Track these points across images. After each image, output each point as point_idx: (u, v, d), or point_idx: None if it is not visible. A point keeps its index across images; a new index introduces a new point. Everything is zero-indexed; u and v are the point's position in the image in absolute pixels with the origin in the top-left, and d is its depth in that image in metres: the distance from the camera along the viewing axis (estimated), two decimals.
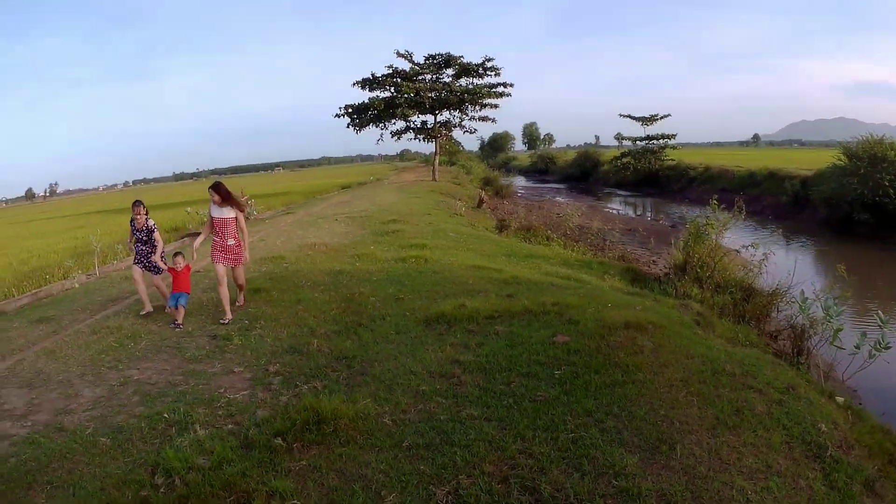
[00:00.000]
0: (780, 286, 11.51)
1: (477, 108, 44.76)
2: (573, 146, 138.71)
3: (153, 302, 10.04)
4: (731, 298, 11.70)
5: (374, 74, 44.05)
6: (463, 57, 43.22)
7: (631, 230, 26.20)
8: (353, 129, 46.08)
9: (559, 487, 4.28)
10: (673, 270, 14.21)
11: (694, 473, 4.40)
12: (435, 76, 44.67)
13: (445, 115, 46.27)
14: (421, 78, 43.89)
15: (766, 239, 16.51)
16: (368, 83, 44.16)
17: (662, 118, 61.65)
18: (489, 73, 43.35)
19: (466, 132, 47.13)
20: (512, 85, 43.67)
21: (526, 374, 6.26)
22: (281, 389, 6.50)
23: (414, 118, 45.93)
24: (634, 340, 6.86)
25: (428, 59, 44.02)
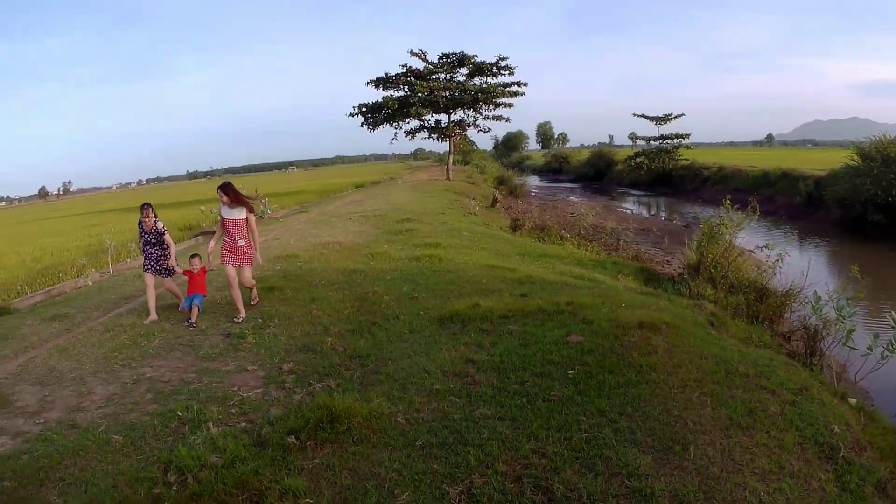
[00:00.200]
0: (793, 287, 11.44)
1: (491, 107, 44.60)
2: (587, 145, 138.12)
3: (165, 301, 10.07)
4: (744, 299, 11.63)
5: (387, 74, 44.01)
6: (477, 56, 43.10)
7: (645, 230, 26.15)
8: (366, 128, 46.04)
9: (572, 487, 4.27)
10: (687, 270, 14.16)
11: (707, 474, 4.38)
12: (449, 75, 44.49)
13: (459, 114, 46.13)
14: (435, 77, 43.75)
15: (779, 239, 16.44)
16: (382, 82, 44.08)
17: (676, 118, 61.57)
18: (503, 72, 43.13)
19: (480, 131, 47.05)
20: (526, 84, 43.54)
21: (540, 373, 6.25)
22: (294, 388, 6.52)
23: (428, 117, 45.80)
24: (648, 340, 6.84)
25: (442, 58, 43.87)
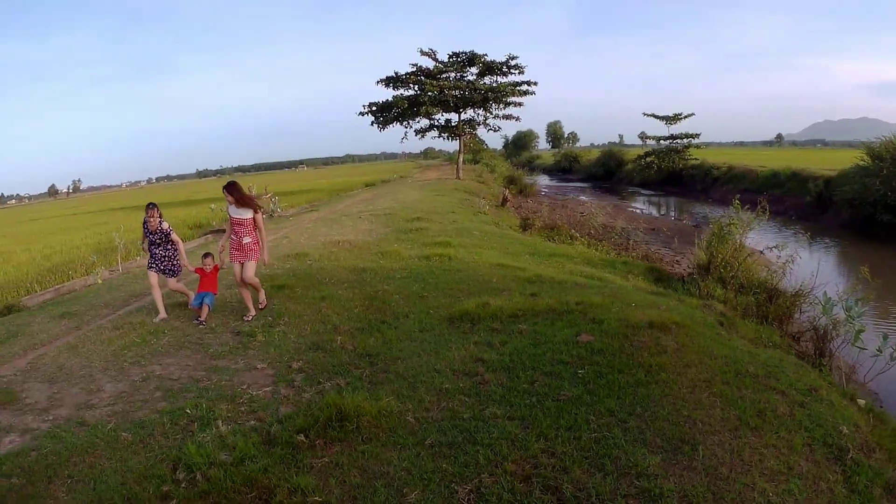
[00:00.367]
0: (803, 287, 11.40)
1: (501, 106, 44.56)
2: (597, 145, 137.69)
3: (175, 299, 10.10)
4: (754, 299, 11.59)
5: (397, 73, 43.99)
6: (487, 55, 43.05)
7: (655, 230, 26.08)
8: (376, 126, 46.06)
9: (581, 487, 4.27)
10: (696, 270, 14.15)
11: (716, 474, 4.38)
12: (459, 74, 44.47)
13: (469, 113, 46.11)
14: (445, 76, 43.77)
15: (789, 240, 16.38)
16: (392, 81, 44.07)
17: (686, 117, 61.25)
18: (513, 71, 43.09)
19: (490, 130, 46.98)
20: (536, 83, 43.48)
21: (549, 373, 6.25)
22: (304, 386, 6.54)
23: (438, 116, 45.82)
24: (658, 340, 6.83)
25: (452, 57, 43.82)
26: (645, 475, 4.36)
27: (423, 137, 47.89)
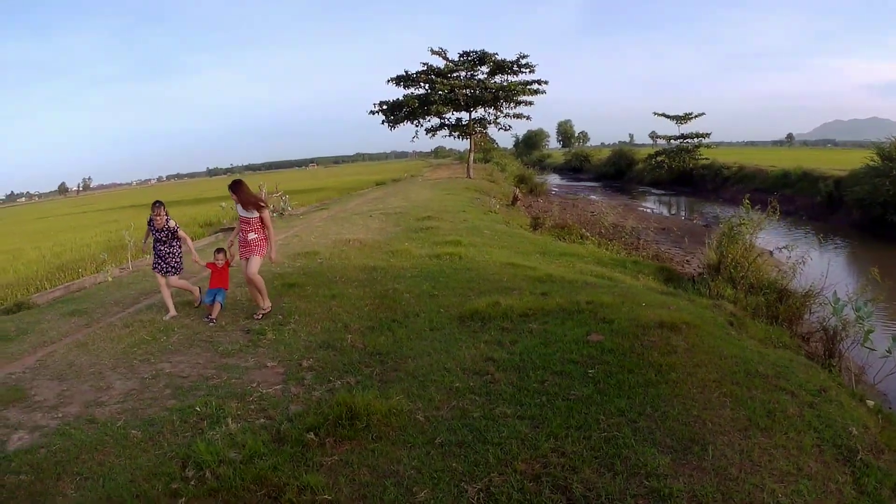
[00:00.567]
0: (813, 288, 11.36)
1: (511, 105, 44.58)
2: (607, 144, 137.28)
3: (184, 297, 10.14)
4: (764, 299, 11.55)
5: (408, 71, 44.06)
6: (497, 54, 43.08)
7: (665, 229, 26.00)
8: (387, 125, 46.15)
9: (591, 487, 4.26)
10: (707, 270, 14.11)
11: (725, 475, 4.35)
12: (469, 73, 44.50)
13: (480, 112, 46.15)
14: (455, 75, 43.82)
15: (799, 240, 16.33)
16: (403, 80, 44.16)
17: (697, 117, 60.95)
18: (524, 69, 43.09)
19: (501, 129, 47.06)
20: (546, 82, 43.49)
21: (559, 372, 6.24)
22: (314, 384, 6.55)
23: (448, 115, 45.87)
24: (668, 340, 6.82)
25: (462, 56, 43.87)
26: (654, 475, 4.34)
27: (433, 136, 48.05)
